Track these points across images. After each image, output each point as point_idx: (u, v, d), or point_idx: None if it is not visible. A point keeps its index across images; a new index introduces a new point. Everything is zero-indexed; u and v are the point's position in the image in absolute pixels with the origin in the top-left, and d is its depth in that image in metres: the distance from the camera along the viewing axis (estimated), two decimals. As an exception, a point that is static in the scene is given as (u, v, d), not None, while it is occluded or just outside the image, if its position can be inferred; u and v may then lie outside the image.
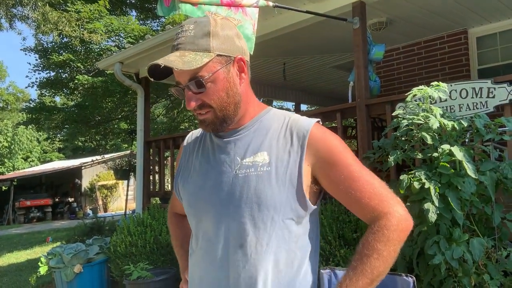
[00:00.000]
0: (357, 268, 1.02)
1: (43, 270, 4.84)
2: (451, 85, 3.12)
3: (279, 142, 1.13)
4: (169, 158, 7.50)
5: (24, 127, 25.05)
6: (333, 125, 4.50)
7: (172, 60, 1.05)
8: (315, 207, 1.14)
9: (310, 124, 1.14)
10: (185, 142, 1.34)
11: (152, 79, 1.15)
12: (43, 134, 29.68)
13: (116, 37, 11.34)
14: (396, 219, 1.05)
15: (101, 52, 10.84)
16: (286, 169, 1.09)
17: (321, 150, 1.11)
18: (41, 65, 12.22)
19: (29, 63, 13.54)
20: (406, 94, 2.79)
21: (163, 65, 1.04)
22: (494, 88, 2.98)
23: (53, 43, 11.88)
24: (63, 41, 11.36)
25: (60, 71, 11.75)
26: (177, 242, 1.44)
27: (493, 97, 2.99)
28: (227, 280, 1.08)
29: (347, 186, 1.08)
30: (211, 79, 1.08)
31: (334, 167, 1.09)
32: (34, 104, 13.54)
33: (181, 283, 1.37)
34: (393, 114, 2.89)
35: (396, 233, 1.04)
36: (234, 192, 1.10)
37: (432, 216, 2.20)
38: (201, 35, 1.09)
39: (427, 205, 2.22)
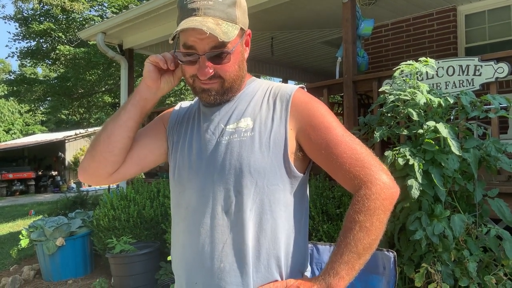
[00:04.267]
0: (342, 243, 0.99)
1: (24, 243, 4.79)
2: (438, 62, 3.10)
3: (262, 108, 1.12)
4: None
5: (5, 99, 24.47)
6: (320, 101, 4.46)
7: (213, 28, 0.99)
8: (302, 175, 1.11)
9: (293, 89, 1.13)
10: (179, 105, 1.31)
11: (171, 41, 1.07)
12: (24, 106, 29.04)
13: (99, 7, 11.00)
14: (378, 187, 1.00)
15: (84, 22, 10.53)
16: (270, 134, 1.07)
17: (304, 113, 1.08)
18: (21, 34, 11.83)
19: (9, 32, 13.09)
20: (394, 69, 2.76)
21: (208, 33, 0.97)
22: (481, 66, 2.97)
23: (34, 11, 11.47)
24: (43, 9, 10.96)
25: (41, 40, 11.40)
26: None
27: (480, 75, 2.98)
28: (212, 246, 1.06)
29: (328, 151, 1.05)
30: (234, 49, 1.06)
31: (316, 130, 1.06)
32: (15, 76, 13.18)
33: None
34: (380, 90, 2.87)
35: (378, 202, 0.99)
36: (218, 159, 1.09)
37: (415, 192, 2.20)
38: (229, 3, 1.05)
39: (411, 182, 2.22)
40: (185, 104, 1.31)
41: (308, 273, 1.16)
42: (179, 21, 1.04)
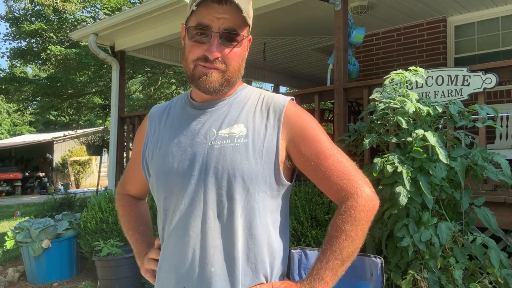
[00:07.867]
0: (327, 251, 1.04)
1: (9, 244, 4.72)
2: (427, 72, 3.14)
3: (255, 115, 1.13)
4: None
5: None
6: (311, 107, 4.49)
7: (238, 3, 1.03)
8: (289, 183, 1.14)
9: (286, 100, 1.16)
10: (149, 115, 1.29)
11: (189, 9, 1.08)
12: (13, 106, 28.68)
13: (92, 8, 10.94)
14: (363, 199, 1.07)
15: (76, 23, 10.45)
16: (263, 142, 1.09)
17: (296, 125, 1.11)
18: (12, 34, 11.71)
19: (-1, 31, 13.03)
20: (384, 78, 2.80)
21: (237, 1, 1.02)
22: (470, 76, 3.02)
23: (25, 11, 11.38)
24: (35, 9, 10.88)
25: (32, 40, 11.30)
26: (129, 225, 1.37)
27: (468, 85, 3.03)
28: (203, 250, 1.06)
29: (317, 163, 1.09)
30: (242, 41, 1.10)
31: (306, 143, 1.10)
32: (4, 75, 13.01)
33: (143, 268, 1.28)
34: (370, 97, 2.90)
35: (363, 213, 1.06)
36: (210, 163, 1.08)
37: (403, 200, 2.23)
38: None
39: (399, 189, 2.25)
40: (160, 106, 1.30)
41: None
42: (193, 3, 1.06)
